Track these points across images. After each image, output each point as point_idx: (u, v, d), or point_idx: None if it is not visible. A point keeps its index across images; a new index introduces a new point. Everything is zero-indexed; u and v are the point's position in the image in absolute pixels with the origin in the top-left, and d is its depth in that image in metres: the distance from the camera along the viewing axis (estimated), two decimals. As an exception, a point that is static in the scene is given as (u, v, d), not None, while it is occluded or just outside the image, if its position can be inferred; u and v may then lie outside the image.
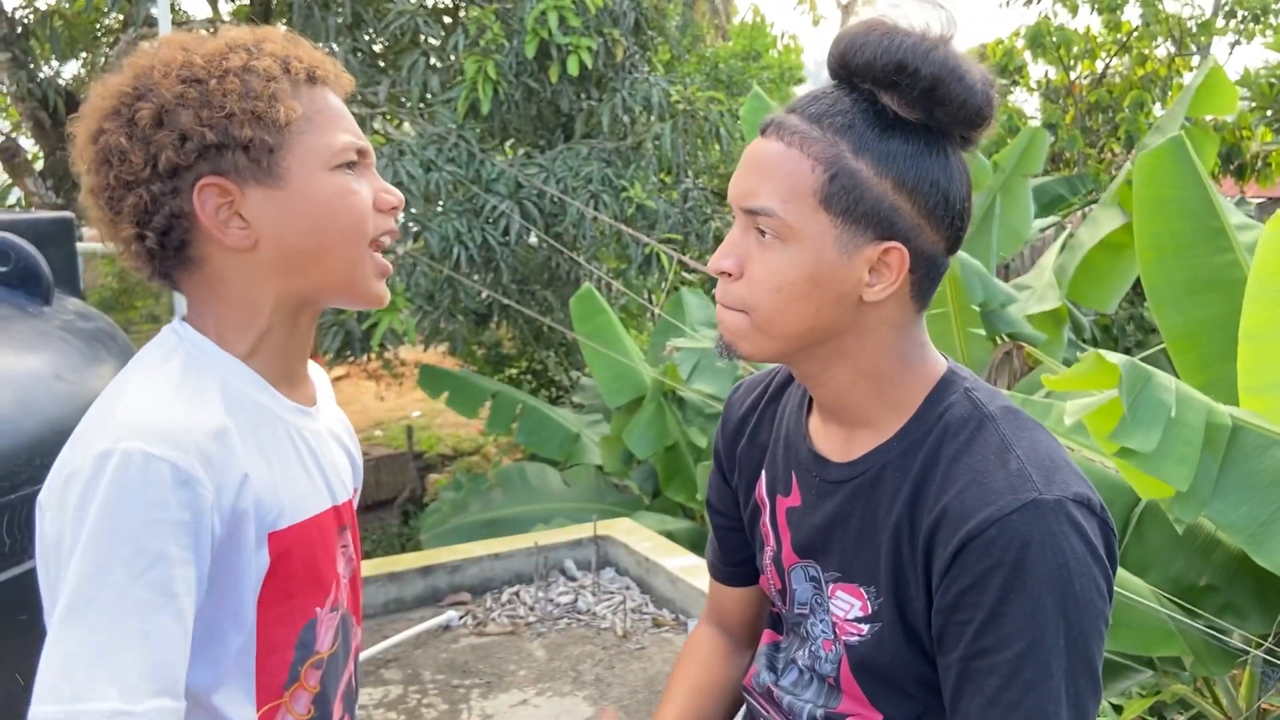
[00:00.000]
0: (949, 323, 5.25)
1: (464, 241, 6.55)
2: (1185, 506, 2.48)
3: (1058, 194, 8.81)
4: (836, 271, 0.92)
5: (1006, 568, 0.88)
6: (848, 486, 1.02)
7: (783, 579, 1.12)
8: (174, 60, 0.94)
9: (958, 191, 0.94)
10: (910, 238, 0.92)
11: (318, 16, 6.90)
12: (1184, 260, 3.63)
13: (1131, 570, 2.98)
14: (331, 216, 0.96)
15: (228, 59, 0.94)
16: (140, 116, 0.92)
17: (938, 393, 1.00)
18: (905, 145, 0.91)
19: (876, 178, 0.91)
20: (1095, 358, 2.43)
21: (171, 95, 0.92)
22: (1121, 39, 10.65)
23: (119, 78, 0.96)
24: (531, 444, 7.05)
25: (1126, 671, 3.31)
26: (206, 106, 0.92)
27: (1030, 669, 0.88)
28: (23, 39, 7.51)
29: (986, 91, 0.92)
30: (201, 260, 0.96)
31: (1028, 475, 0.91)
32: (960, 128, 0.93)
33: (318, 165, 0.96)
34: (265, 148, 0.93)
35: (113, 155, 0.93)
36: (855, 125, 0.91)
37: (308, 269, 0.97)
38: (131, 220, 0.93)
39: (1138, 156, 3.81)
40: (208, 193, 0.93)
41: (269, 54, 0.96)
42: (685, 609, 3.76)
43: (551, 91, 6.82)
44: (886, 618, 0.99)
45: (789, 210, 0.91)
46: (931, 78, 0.89)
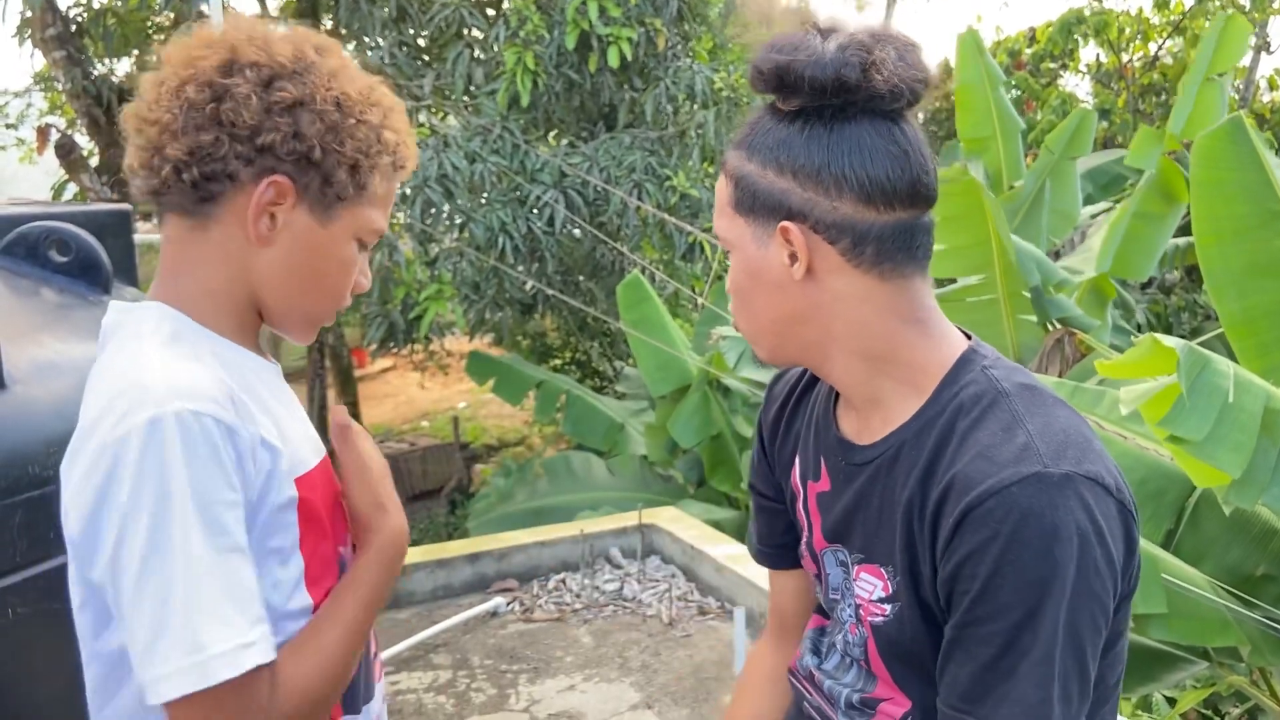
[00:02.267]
0: (998, 309, 5.18)
1: (509, 231, 6.58)
2: (1242, 493, 2.43)
3: (1116, 174, 8.56)
4: (762, 262, 1.00)
5: (1003, 538, 0.87)
6: (869, 468, 1.03)
7: (817, 564, 1.13)
8: (338, 75, 1.00)
9: (843, 156, 0.96)
10: (805, 211, 0.97)
11: (364, 10, 6.97)
12: (1243, 244, 3.55)
13: (1187, 559, 2.93)
14: (332, 276, 1.04)
15: (369, 110, 1.01)
16: (280, 93, 0.96)
17: (955, 372, 1.00)
18: (789, 134, 0.97)
19: (762, 170, 0.98)
20: (1151, 341, 2.39)
21: (317, 101, 0.97)
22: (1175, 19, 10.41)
23: (280, 45, 0.99)
24: (576, 433, 7.08)
25: (1180, 663, 3.25)
26: (332, 131, 0.98)
27: (1025, 639, 0.87)
28: (76, 37, 7.67)
29: (838, 58, 0.93)
30: (215, 222, 0.98)
31: (1034, 449, 0.90)
32: (837, 99, 0.95)
33: (353, 231, 1.03)
34: (337, 194, 1.00)
35: (229, 96, 0.95)
36: (754, 132, 1.01)
37: (282, 292, 1.02)
38: (191, 147, 0.95)
39: (1196, 139, 3.72)
40: (274, 187, 0.97)
41: (394, 129, 1.04)
42: (730, 597, 3.77)
43: (593, 82, 6.83)
44: (904, 596, 0.99)
45: (723, 227, 1.03)
46: (773, 67, 0.96)
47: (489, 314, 7.46)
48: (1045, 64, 11.64)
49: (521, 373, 7.31)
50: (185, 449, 0.86)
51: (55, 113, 9.96)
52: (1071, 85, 12.15)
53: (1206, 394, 2.36)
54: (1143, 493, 3.04)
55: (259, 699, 0.87)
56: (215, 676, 0.84)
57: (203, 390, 0.89)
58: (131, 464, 0.85)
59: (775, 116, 0.99)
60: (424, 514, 10.17)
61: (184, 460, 0.86)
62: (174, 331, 0.97)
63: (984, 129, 6.96)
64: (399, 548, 1.08)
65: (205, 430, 0.87)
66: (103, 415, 0.89)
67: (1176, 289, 8.65)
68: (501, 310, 7.44)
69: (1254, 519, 2.96)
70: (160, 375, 0.89)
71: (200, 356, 0.95)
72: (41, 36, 7.28)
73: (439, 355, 10.19)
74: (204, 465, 0.87)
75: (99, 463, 0.87)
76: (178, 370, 0.91)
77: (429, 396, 14.32)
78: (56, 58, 7.35)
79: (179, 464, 0.86)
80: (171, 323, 0.98)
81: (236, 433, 0.90)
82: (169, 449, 0.85)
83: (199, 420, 0.87)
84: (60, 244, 1.75)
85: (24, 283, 1.68)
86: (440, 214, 6.73)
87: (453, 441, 11.62)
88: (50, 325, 1.60)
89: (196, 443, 0.87)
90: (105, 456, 0.86)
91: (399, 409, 14.19)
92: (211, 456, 0.87)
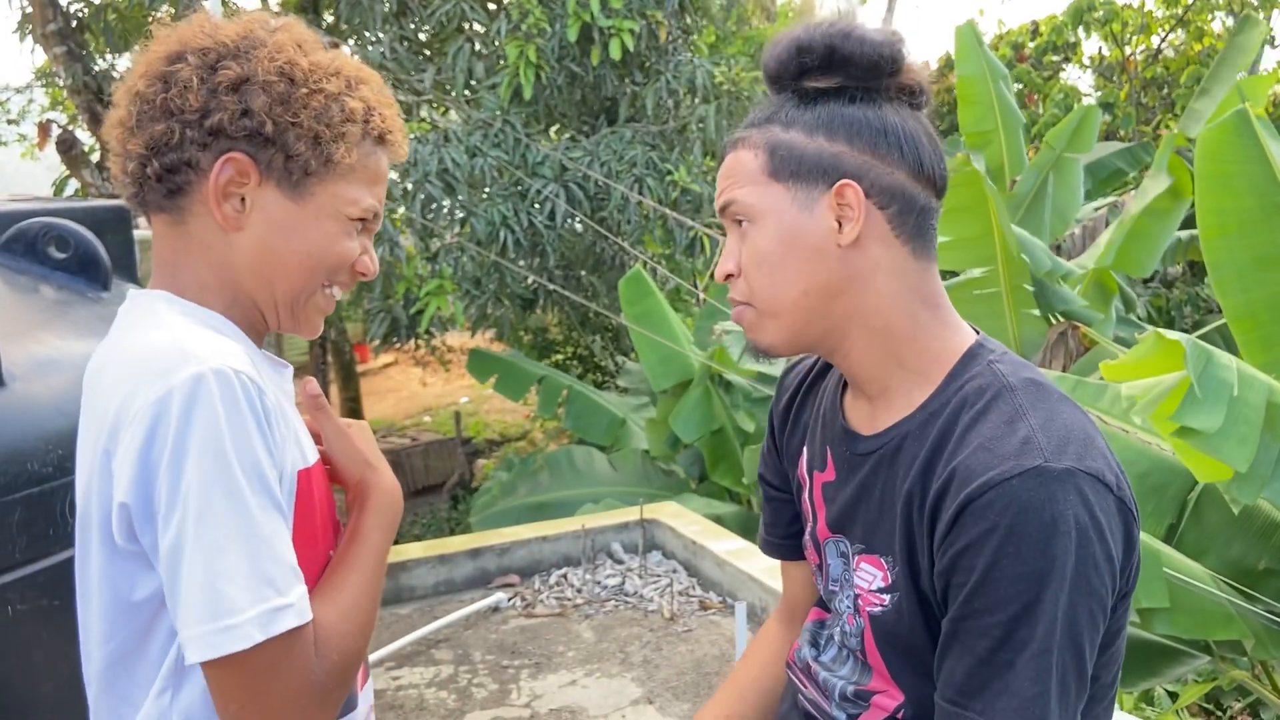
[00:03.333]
0: (1001, 302, 5.17)
1: (510, 226, 6.57)
2: (1244, 488, 2.43)
3: (1116, 168, 8.52)
4: (804, 227, 0.99)
5: (1001, 531, 0.87)
6: (873, 458, 1.03)
7: (819, 554, 1.13)
8: (285, 49, 0.97)
9: (897, 130, 1.00)
10: (860, 174, 0.98)
11: (365, 4, 6.95)
12: (1247, 237, 3.54)
13: (1189, 554, 2.92)
14: (320, 253, 1.00)
15: (327, 80, 0.97)
16: (223, 73, 0.94)
17: (962, 364, 1.01)
18: (829, 107, 1.00)
19: (808, 138, 0.99)
20: (1155, 337, 2.38)
21: (262, 75, 0.94)
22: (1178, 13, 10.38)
23: (228, 28, 0.97)
24: (578, 428, 7.08)
25: (1182, 657, 3.25)
26: (283, 104, 0.95)
27: (1023, 632, 0.87)
28: (77, 32, 7.66)
29: (888, 42, 0.99)
30: (188, 215, 0.97)
31: (1036, 443, 0.90)
32: (876, 79, 1.00)
33: (336, 209, 0.99)
34: (304, 168, 0.97)
35: (175, 82, 0.94)
36: (781, 109, 1.02)
37: (265, 277, 0.99)
38: (147, 142, 0.95)
39: (1200, 132, 3.71)
40: (229, 165, 0.95)
41: (362, 98, 1.00)
42: (732, 592, 3.77)
43: (594, 75, 6.82)
44: (903, 587, 0.99)
45: (748, 193, 1.01)
46: (826, 43, 0.98)
47: (490, 309, 7.45)
48: (1048, 57, 11.62)
49: (523, 369, 7.31)
50: (228, 405, 0.86)
51: (56, 108, 9.97)
52: (1074, 78, 12.12)
53: (1214, 387, 2.35)
54: (1145, 486, 3.04)
55: (304, 658, 0.87)
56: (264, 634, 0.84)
57: (233, 354, 0.89)
58: (177, 419, 0.84)
59: (803, 97, 1.01)
60: (426, 509, 10.18)
61: (227, 416, 0.85)
62: (186, 311, 0.97)
63: (986, 123, 6.95)
64: (395, 504, 1.07)
65: (245, 388, 0.87)
66: (140, 381, 0.87)
67: (1178, 282, 8.63)
68: (503, 305, 7.43)
69: (1256, 513, 2.96)
70: (193, 338, 0.90)
71: (220, 330, 0.96)
72: (42, 32, 7.28)
73: (440, 351, 10.19)
74: (247, 423, 0.87)
75: (143, 422, 0.85)
76: (207, 335, 0.91)
77: (431, 392, 14.34)
78: (57, 53, 7.35)
79: (224, 420, 0.85)
80: (183, 305, 0.98)
81: (264, 393, 0.90)
82: (215, 404, 0.85)
83: (239, 378, 0.87)
84: (59, 240, 1.74)
85: (23, 279, 1.67)
86: (441, 209, 6.72)
87: (455, 437, 11.64)
88: (49, 322, 1.60)
89: (238, 399, 0.86)
90: (148, 415, 0.85)
91: (401, 404, 14.20)
92: (252, 414, 0.87)
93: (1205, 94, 5.71)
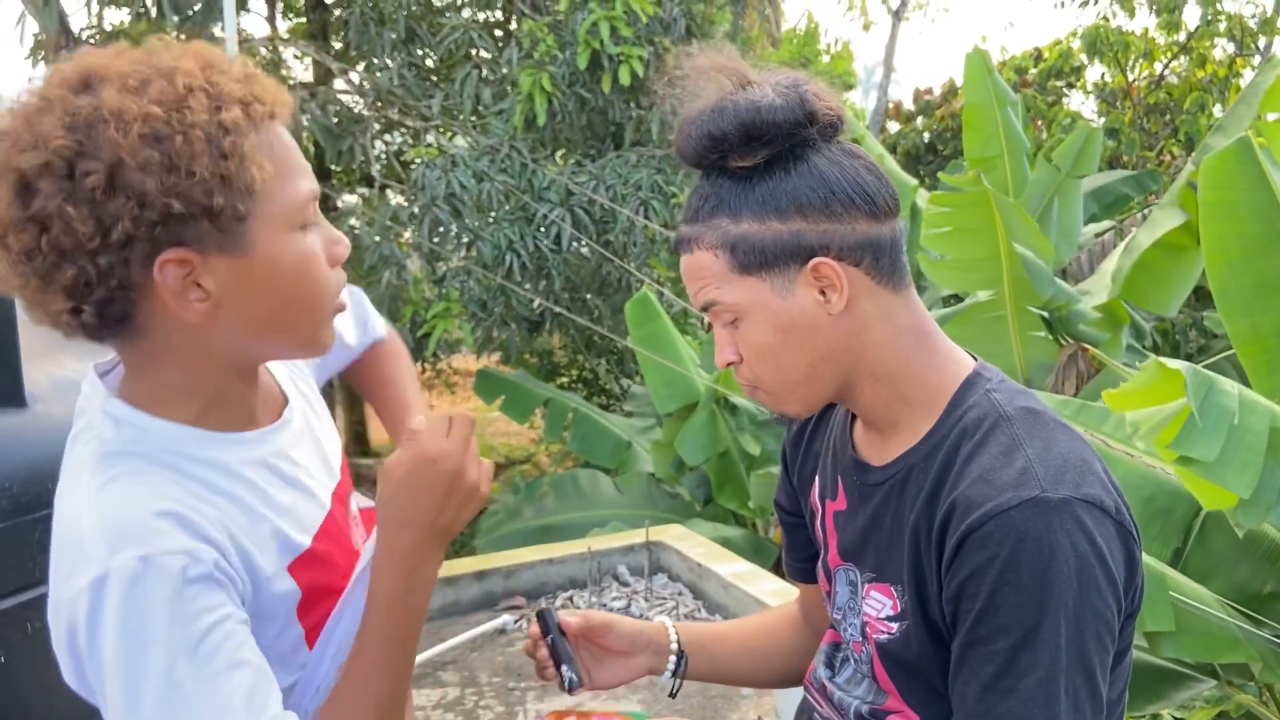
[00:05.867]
0: (1005, 326, 5.19)
1: (516, 249, 6.62)
2: (1249, 512, 2.44)
3: (1122, 193, 8.54)
4: (793, 311, 0.99)
5: (1000, 561, 0.89)
6: (882, 489, 1.06)
7: (830, 582, 1.15)
8: (124, 108, 0.79)
9: (839, 181, 0.99)
10: (826, 243, 0.98)
11: (374, 32, 7.03)
12: (1252, 263, 3.57)
13: (1195, 577, 2.93)
14: (297, 285, 0.88)
15: (189, 108, 0.80)
16: (89, 179, 0.78)
17: (961, 394, 1.03)
18: (765, 184, 0.98)
19: (761, 225, 0.98)
20: (1156, 366, 2.40)
21: (130, 156, 0.78)
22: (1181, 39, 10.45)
23: (41, 122, 0.79)
24: (584, 451, 7.09)
25: (1189, 681, 3.24)
26: (172, 171, 0.79)
27: (1025, 658, 0.89)
28: (90, 58, 7.75)
29: (792, 99, 0.97)
30: (148, 329, 0.85)
31: (1033, 473, 0.92)
32: (797, 137, 0.98)
33: (282, 226, 0.86)
34: (234, 215, 0.82)
35: (50, 221, 0.78)
36: (722, 200, 1.00)
37: (269, 336, 0.90)
38: (66, 293, 0.81)
39: (1203, 159, 3.74)
40: (169, 268, 0.81)
41: (231, 97, 0.83)
42: (737, 614, 3.77)
43: (602, 101, 6.88)
44: (912, 616, 1.01)
45: (724, 294, 1.00)
46: (738, 126, 0.96)
47: (496, 332, 7.49)
48: (1052, 82, 11.70)
49: (529, 391, 7.33)
50: (136, 603, 0.78)
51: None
52: (1076, 104, 12.19)
53: (1214, 415, 2.37)
54: (1150, 510, 3.05)
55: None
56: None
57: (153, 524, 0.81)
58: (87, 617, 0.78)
59: (735, 177, 1.00)
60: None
61: (139, 616, 0.78)
62: (121, 448, 0.86)
63: (991, 148, 6.99)
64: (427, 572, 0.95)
65: (158, 573, 0.79)
66: (57, 572, 0.82)
67: (1183, 308, 8.65)
68: (509, 328, 7.47)
69: (1262, 537, 2.97)
70: (96, 525, 0.80)
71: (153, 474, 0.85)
72: (55, 57, 7.36)
73: (446, 373, 10.21)
74: (164, 611, 0.78)
75: (65, 616, 0.80)
76: (124, 506, 0.82)
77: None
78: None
79: (130, 620, 0.78)
80: (121, 433, 0.87)
81: (198, 554, 0.81)
82: (120, 609, 0.78)
83: (147, 565, 0.79)
84: (79, 264, 1.77)
85: (43, 302, 1.71)
86: (448, 233, 6.77)
87: (460, 459, 11.61)
88: (69, 345, 1.63)
89: (155, 591, 0.78)
90: (64, 612, 0.80)
91: (406, 427, 14.19)
92: (173, 596, 0.79)
93: (1220, 131, 5.73)
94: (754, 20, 10.81)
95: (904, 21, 14.12)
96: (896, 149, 12.22)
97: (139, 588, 0.78)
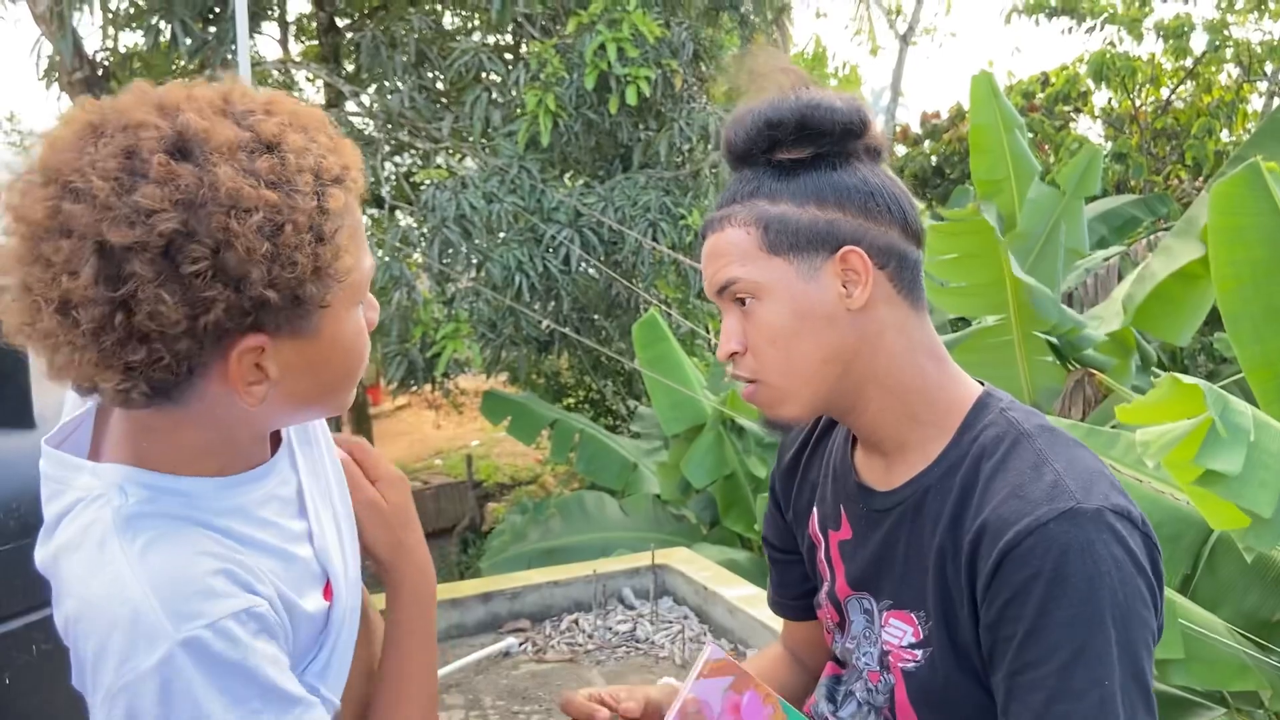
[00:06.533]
0: (1013, 350, 5.18)
1: (525, 270, 6.63)
2: (1261, 536, 2.42)
3: (1131, 216, 8.53)
4: (813, 297, 0.99)
5: (1046, 576, 0.88)
6: (893, 514, 1.04)
7: (840, 612, 1.13)
8: (244, 197, 0.72)
9: (882, 190, 1.01)
10: (859, 237, 0.99)
11: (384, 55, 7.08)
12: (1261, 288, 3.57)
13: (1204, 604, 2.91)
14: (347, 361, 0.86)
15: (297, 191, 0.75)
16: (192, 266, 0.71)
17: (974, 415, 1.02)
18: (809, 176, 1.01)
19: (799, 208, 1.00)
20: (1171, 381, 2.39)
21: (241, 245, 0.72)
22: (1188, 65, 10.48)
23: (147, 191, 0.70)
24: (590, 472, 7.08)
25: (1197, 709, 3.21)
26: (275, 261, 0.74)
27: (1079, 679, 0.86)
28: (103, 80, 7.81)
29: (852, 106, 1.01)
30: (188, 400, 0.80)
31: (1064, 486, 0.91)
32: (847, 144, 1.01)
33: (348, 305, 0.83)
34: (318, 303, 0.79)
35: (137, 305, 0.71)
36: (761, 184, 1.02)
37: (309, 408, 0.88)
38: (126, 370, 0.74)
39: (1213, 185, 3.75)
40: (248, 354, 0.78)
41: (330, 174, 0.78)
42: (744, 639, 3.75)
43: (610, 122, 6.91)
44: (937, 642, 0.99)
45: (748, 270, 1.00)
46: (796, 116, 0.99)
47: (505, 352, 7.49)
48: (1059, 107, 11.73)
49: (536, 411, 7.33)
50: (207, 674, 0.75)
51: (80, 153, 10.11)
52: (1084, 128, 12.21)
53: (1235, 430, 2.35)
54: (1160, 537, 3.02)
55: None
56: None
57: (198, 587, 0.78)
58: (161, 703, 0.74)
59: (778, 168, 1.02)
60: (437, 553, 10.15)
61: (211, 685, 0.75)
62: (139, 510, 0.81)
63: (998, 171, 7.00)
64: (430, 585, 1.01)
65: (224, 636, 0.77)
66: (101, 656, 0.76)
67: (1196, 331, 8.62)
68: (518, 348, 7.47)
69: (1272, 563, 2.95)
70: (150, 596, 0.76)
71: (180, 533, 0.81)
72: (69, 80, 7.43)
73: (453, 394, 10.21)
74: (235, 674, 0.77)
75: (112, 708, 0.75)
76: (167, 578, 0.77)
77: (442, 434, 14.34)
78: (83, 100, 7.49)
79: (207, 691, 0.75)
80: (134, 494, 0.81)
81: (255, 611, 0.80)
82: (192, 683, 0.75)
83: (210, 633, 0.76)
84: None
85: (53, 323, 1.72)
86: (458, 254, 6.80)
87: (466, 480, 11.62)
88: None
89: (216, 659, 0.76)
90: (119, 704, 0.75)
91: (413, 447, 14.21)
92: (247, 653, 0.77)
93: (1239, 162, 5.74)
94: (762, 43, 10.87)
95: (911, 46, 14.18)
96: (904, 172, 12.26)
97: (211, 657, 0.75)
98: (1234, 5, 10.37)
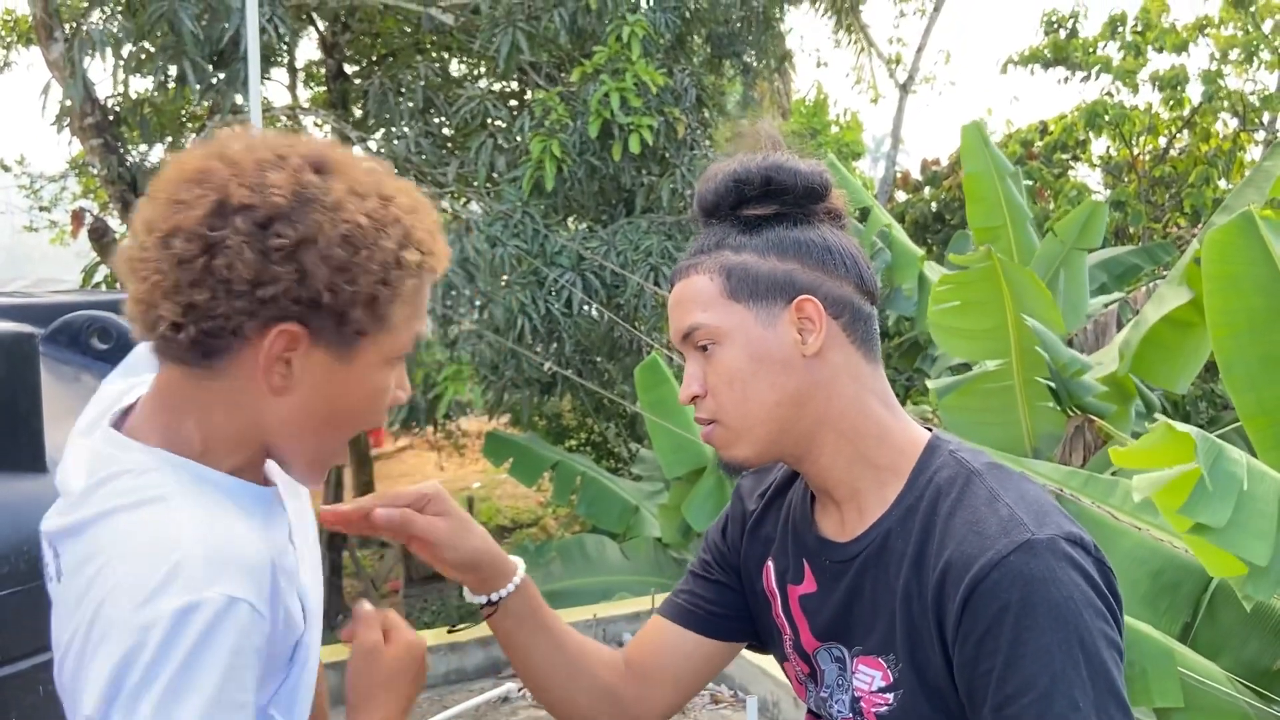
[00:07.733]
0: (1013, 395, 5.20)
1: (528, 313, 6.69)
2: (1259, 584, 2.43)
3: (1133, 264, 8.60)
4: (770, 342, 1.04)
5: (1014, 608, 0.91)
6: (857, 561, 1.06)
7: (810, 664, 1.14)
8: (344, 205, 0.87)
9: (839, 247, 1.07)
10: (815, 288, 1.05)
11: (391, 102, 7.19)
12: (1257, 337, 3.59)
13: (1204, 653, 2.90)
14: (358, 405, 0.94)
15: (386, 234, 0.88)
16: (277, 240, 0.84)
17: (926, 458, 1.06)
18: (772, 230, 1.07)
19: (760, 259, 1.06)
20: (1165, 428, 2.41)
21: (322, 242, 0.85)
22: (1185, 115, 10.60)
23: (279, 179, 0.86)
24: (591, 515, 7.08)
25: (1201, 759, 3.19)
26: (343, 272, 0.86)
27: (1059, 705, 0.89)
28: (114, 125, 7.93)
29: (815, 170, 1.08)
30: (215, 373, 0.88)
31: (1018, 518, 0.95)
32: (808, 203, 1.07)
33: (380, 360, 0.93)
34: (358, 330, 0.89)
35: (221, 249, 0.84)
36: (727, 237, 1.07)
37: (298, 437, 0.93)
38: (186, 307, 0.85)
39: (1207, 234, 3.79)
40: (284, 336, 0.87)
41: (416, 244, 0.91)
42: (743, 685, 3.73)
43: (613, 168, 7.00)
44: (907, 684, 1.01)
45: (709, 316, 1.05)
46: (762, 174, 1.05)
47: (507, 394, 7.52)
48: (1057, 155, 11.85)
49: (538, 454, 7.34)
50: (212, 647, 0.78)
51: (88, 196, 10.23)
52: (1083, 176, 12.33)
53: (1224, 481, 2.37)
54: (1159, 584, 3.03)
55: None
56: None
57: (246, 561, 0.83)
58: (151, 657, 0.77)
59: (744, 223, 1.08)
60: (436, 596, 10.10)
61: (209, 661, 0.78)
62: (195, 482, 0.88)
63: (995, 218, 7.07)
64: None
65: (239, 622, 0.80)
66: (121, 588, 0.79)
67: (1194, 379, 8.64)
68: (520, 391, 7.50)
69: (1270, 612, 2.94)
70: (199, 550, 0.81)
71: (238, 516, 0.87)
72: (80, 125, 7.53)
73: (455, 436, 10.23)
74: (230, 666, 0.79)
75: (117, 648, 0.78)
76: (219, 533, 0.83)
77: (444, 476, 14.33)
78: (94, 145, 7.59)
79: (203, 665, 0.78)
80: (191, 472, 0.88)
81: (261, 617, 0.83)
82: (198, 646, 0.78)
83: (234, 609, 0.80)
84: (102, 332, 1.82)
85: (66, 369, 1.74)
86: (461, 296, 6.85)
87: (467, 522, 11.58)
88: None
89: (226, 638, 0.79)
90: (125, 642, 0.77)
91: (414, 488, 14.18)
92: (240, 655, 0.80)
93: (1226, 210, 5.78)
94: (764, 90, 11.01)
95: (911, 94, 14.35)
96: (905, 218, 12.35)
97: (216, 630, 0.78)
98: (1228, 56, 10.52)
